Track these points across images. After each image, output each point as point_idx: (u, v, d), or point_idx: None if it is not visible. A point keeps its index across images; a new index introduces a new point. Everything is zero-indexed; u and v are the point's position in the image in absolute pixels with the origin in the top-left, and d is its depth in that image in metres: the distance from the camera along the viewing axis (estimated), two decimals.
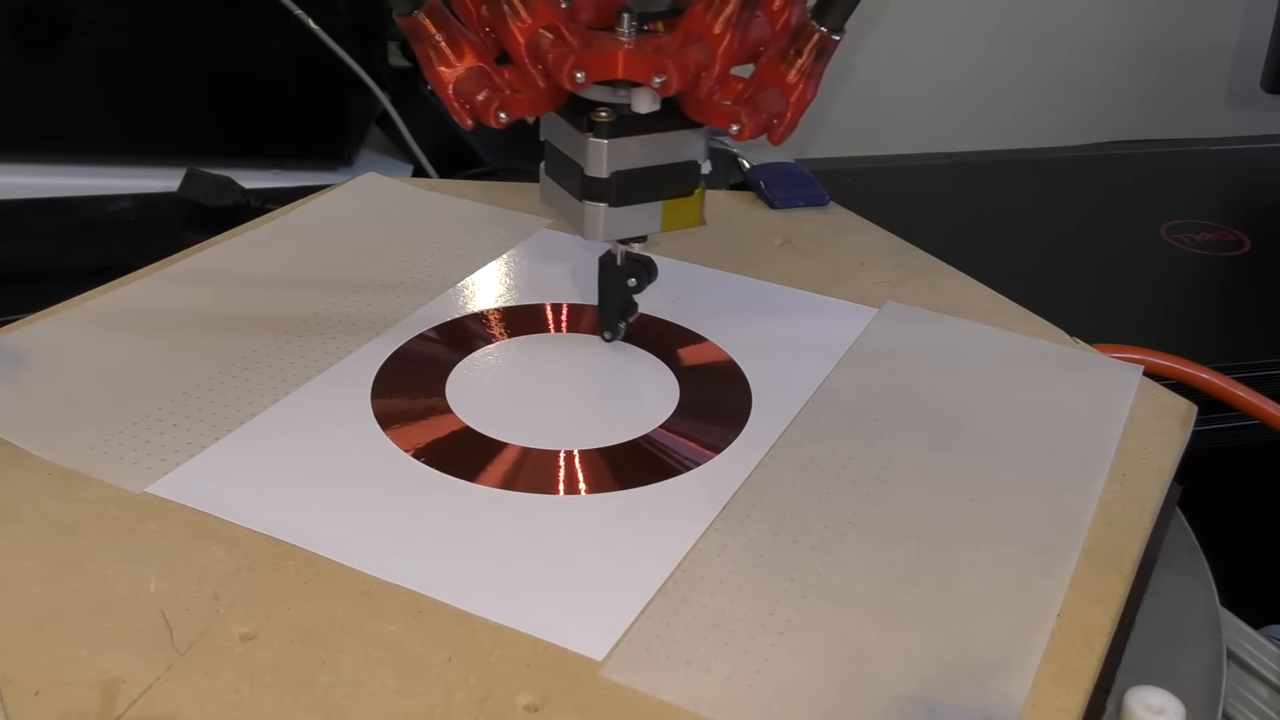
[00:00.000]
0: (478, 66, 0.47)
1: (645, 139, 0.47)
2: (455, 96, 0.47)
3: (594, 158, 0.47)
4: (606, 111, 0.47)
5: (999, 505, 0.45)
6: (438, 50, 0.47)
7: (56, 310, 0.54)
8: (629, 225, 0.49)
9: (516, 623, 0.38)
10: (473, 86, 0.46)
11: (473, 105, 0.46)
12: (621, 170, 0.47)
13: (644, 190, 0.48)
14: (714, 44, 0.45)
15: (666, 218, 0.49)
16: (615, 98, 0.47)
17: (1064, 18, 1.11)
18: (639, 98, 0.46)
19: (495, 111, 0.46)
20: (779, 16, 0.48)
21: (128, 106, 0.85)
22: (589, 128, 0.47)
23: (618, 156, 0.47)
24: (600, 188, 0.48)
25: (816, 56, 0.45)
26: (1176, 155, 1.01)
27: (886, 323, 0.57)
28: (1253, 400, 0.59)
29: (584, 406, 0.50)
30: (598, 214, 0.48)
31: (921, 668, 0.37)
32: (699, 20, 0.45)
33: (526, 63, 0.47)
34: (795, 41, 0.45)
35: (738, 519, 0.43)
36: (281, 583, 0.39)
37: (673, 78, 0.44)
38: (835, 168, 0.85)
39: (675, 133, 0.48)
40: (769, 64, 0.46)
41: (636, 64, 0.45)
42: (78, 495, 0.43)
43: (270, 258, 0.59)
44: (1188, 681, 0.42)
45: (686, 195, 0.49)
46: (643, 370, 0.53)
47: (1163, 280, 0.79)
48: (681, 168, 0.49)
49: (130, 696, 0.35)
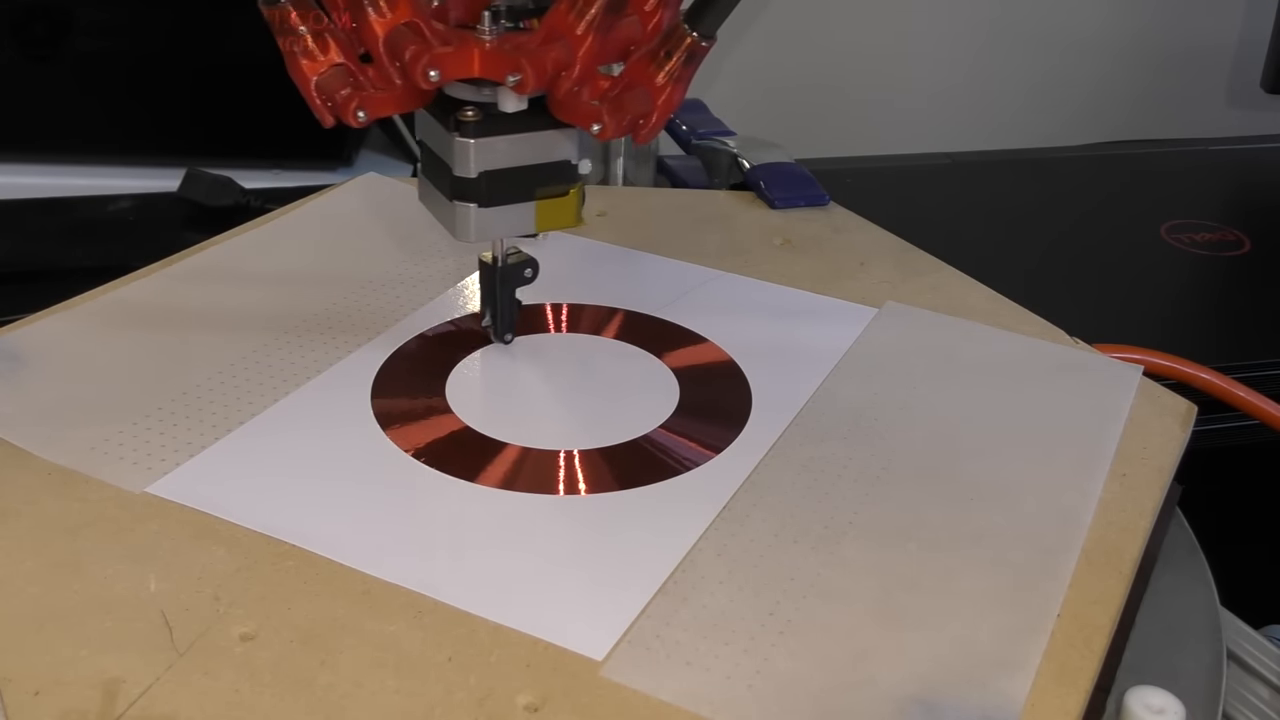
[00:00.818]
0: (341, 63, 0.46)
1: (514, 138, 0.47)
2: (317, 93, 0.46)
3: (460, 157, 0.46)
4: (473, 110, 0.46)
5: (999, 505, 0.45)
6: (301, 45, 0.46)
7: (56, 310, 0.54)
8: (500, 226, 0.48)
9: (516, 623, 0.38)
10: (335, 83, 0.46)
11: (334, 102, 0.46)
12: (490, 170, 0.47)
13: (515, 190, 0.48)
14: (575, 44, 0.45)
15: (541, 218, 0.48)
16: (481, 96, 0.46)
17: (1064, 18, 1.11)
18: (504, 96, 0.46)
19: (354, 110, 0.45)
20: (651, 17, 0.48)
21: (128, 106, 0.85)
22: (455, 127, 0.46)
23: (485, 156, 0.46)
24: (469, 188, 0.47)
25: (686, 60, 0.45)
26: (1176, 155, 1.01)
27: (886, 323, 0.57)
28: (1253, 400, 0.59)
29: (584, 406, 0.50)
30: (467, 214, 0.47)
31: (921, 668, 0.37)
32: (561, 19, 0.45)
33: (384, 59, 0.46)
34: (666, 44, 0.45)
35: (738, 519, 0.43)
36: (281, 583, 0.39)
37: (528, 76, 0.44)
38: (835, 168, 0.85)
39: (545, 132, 0.47)
40: (639, 64, 0.45)
41: (492, 62, 0.45)
42: (78, 495, 0.43)
43: (270, 258, 0.59)
44: (1188, 681, 0.42)
45: (561, 195, 0.48)
46: (643, 370, 0.53)
47: (1163, 280, 0.79)
48: (554, 168, 0.48)
49: (130, 696, 0.35)
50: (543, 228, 0.49)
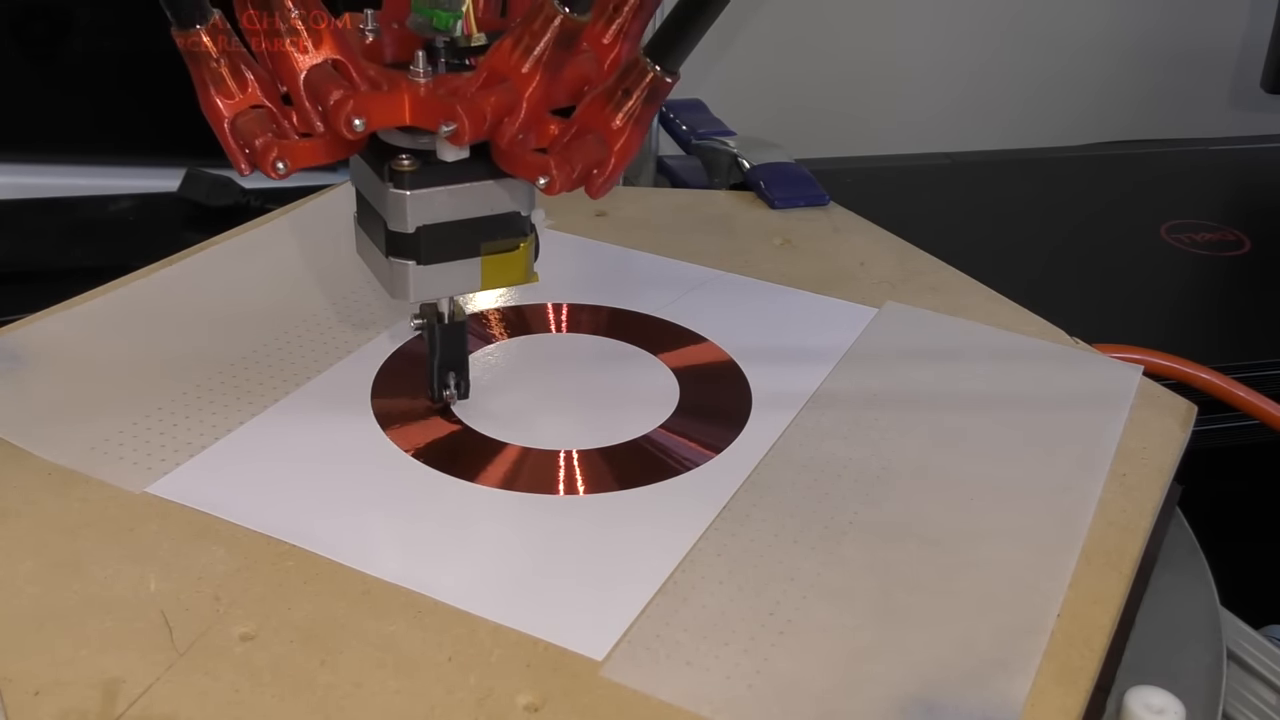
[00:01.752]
0: (261, 104, 0.41)
1: (455, 189, 0.42)
2: (231, 135, 0.41)
3: (396, 210, 0.42)
4: (409, 159, 0.41)
5: (999, 505, 0.45)
6: (215, 78, 0.40)
7: (56, 310, 0.54)
8: (442, 284, 0.44)
9: (516, 623, 0.38)
10: (253, 127, 0.40)
11: (251, 149, 0.40)
12: (429, 224, 0.42)
13: (458, 246, 0.43)
14: (520, 85, 0.39)
15: (487, 275, 0.44)
16: (418, 144, 0.42)
17: (1064, 18, 1.11)
18: (443, 145, 0.41)
19: (274, 160, 0.39)
20: (608, 51, 0.43)
21: (128, 106, 0.85)
22: (390, 177, 0.41)
23: (423, 209, 0.42)
24: (406, 243, 0.42)
25: (647, 99, 0.40)
26: (1176, 155, 1.01)
27: (886, 323, 0.57)
28: (1253, 400, 0.59)
29: (584, 406, 0.50)
30: (405, 273, 0.43)
31: (921, 668, 0.37)
32: (504, 58, 0.40)
33: (304, 102, 0.40)
34: (624, 80, 0.40)
35: (738, 519, 0.43)
36: (281, 583, 0.40)
37: (464, 125, 0.39)
38: (835, 168, 0.85)
39: (489, 181, 0.42)
40: (593, 105, 0.40)
41: (424, 110, 0.40)
42: (78, 495, 0.43)
43: (270, 258, 0.59)
44: (1188, 681, 0.42)
45: (510, 250, 0.44)
46: (643, 370, 0.53)
47: (1163, 280, 0.79)
48: (501, 220, 0.43)
49: (130, 696, 0.35)
50: (490, 285, 0.45)
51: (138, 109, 0.85)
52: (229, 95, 0.40)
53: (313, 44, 0.40)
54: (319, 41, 0.40)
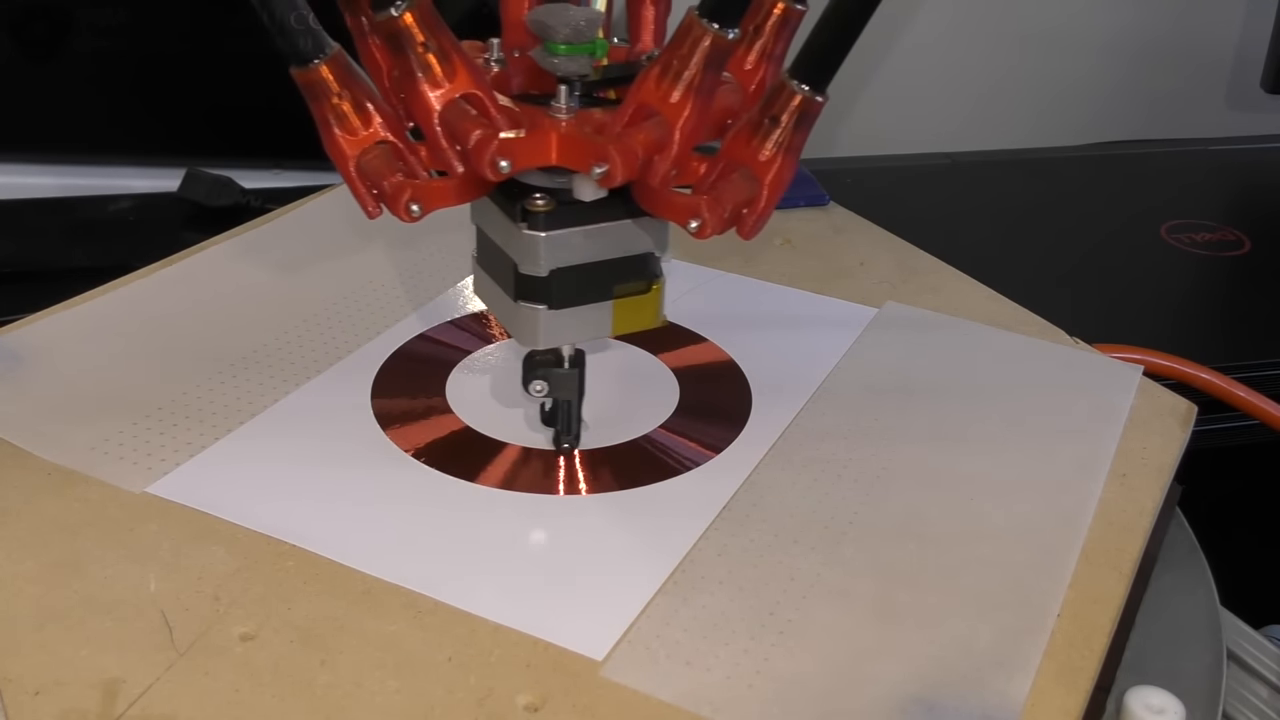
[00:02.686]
0: (388, 141, 0.38)
1: (590, 230, 0.40)
2: (359, 176, 0.38)
3: (529, 252, 0.40)
4: (544, 199, 0.39)
5: (999, 505, 0.45)
6: (339, 114, 0.38)
7: (56, 310, 0.54)
8: (572, 330, 0.42)
9: (516, 623, 0.38)
10: (381, 166, 0.38)
11: (379, 190, 0.38)
12: (561, 267, 0.40)
13: (590, 289, 0.41)
14: (671, 116, 0.37)
15: (618, 319, 0.42)
16: (553, 183, 0.39)
17: (1064, 19, 1.11)
18: (582, 184, 0.39)
19: (407, 204, 0.37)
20: (752, 76, 0.40)
21: (128, 106, 0.85)
22: (523, 217, 0.39)
23: (557, 251, 0.40)
24: (537, 287, 0.40)
25: (798, 124, 0.37)
26: (1176, 155, 1.01)
27: (886, 323, 0.57)
28: (1253, 400, 0.59)
29: (584, 406, 0.50)
30: (535, 318, 0.41)
31: (921, 668, 0.37)
32: (652, 89, 0.37)
33: (442, 141, 0.38)
34: (771, 107, 0.37)
35: (738, 519, 0.43)
36: (281, 583, 0.39)
37: (616, 167, 0.36)
38: (835, 168, 0.85)
39: (626, 222, 0.40)
40: (739, 137, 0.38)
41: (572, 149, 0.37)
42: (78, 495, 0.43)
43: (270, 258, 0.59)
44: (1188, 681, 0.42)
45: (643, 293, 0.42)
46: (643, 370, 0.53)
47: (1163, 280, 0.79)
48: (635, 261, 0.41)
49: (130, 696, 0.35)
50: (621, 330, 0.42)
51: (138, 109, 0.85)
52: (353, 132, 0.38)
53: (446, 78, 0.38)
54: (452, 75, 0.38)
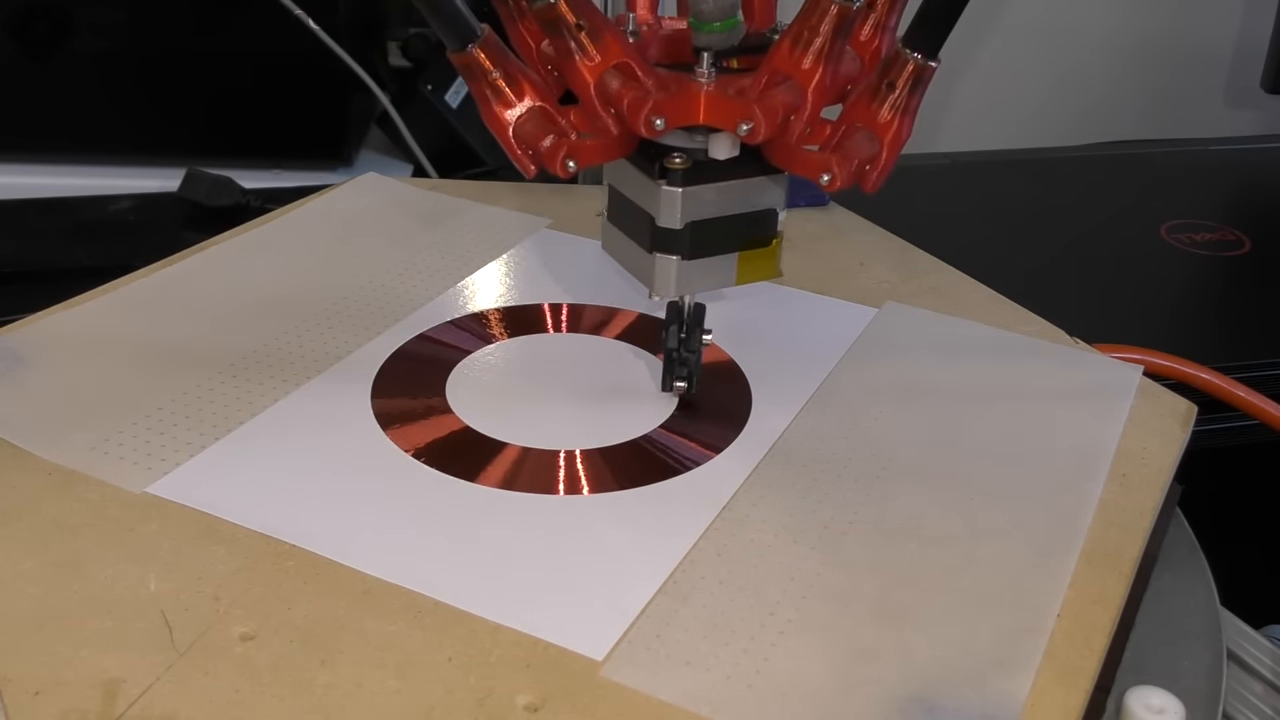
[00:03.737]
0: (540, 107, 0.43)
1: (721, 186, 0.44)
2: (516, 141, 0.43)
3: (667, 207, 0.44)
4: (681, 157, 0.43)
5: (999, 505, 0.45)
6: (495, 89, 0.42)
7: (56, 310, 0.54)
8: (702, 279, 0.46)
9: (516, 623, 0.38)
10: (536, 130, 0.42)
11: (536, 151, 0.42)
12: (696, 220, 0.44)
13: (719, 241, 0.45)
14: (803, 81, 0.41)
15: (742, 270, 0.46)
16: (691, 143, 0.43)
17: (1064, 18, 1.12)
18: (717, 143, 0.43)
19: (563, 160, 0.42)
20: (868, 46, 0.45)
21: (128, 106, 0.85)
22: (662, 174, 0.43)
23: (692, 206, 0.44)
24: (672, 239, 0.44)
25: (912, 88, 0.41)
26: (1176, 155, 1.01)
27: (886, 323, 0.57)
28: (1253, 400, 0.59)
29: (584, 406, 0.50)
30: (669, 268, 0.45)
31: (921, 668, 0.37)
32: (785, 57, 0.41)
33: (597, 106, 0.43)
34: (887, 74, 0.41)
35: (738, 519, 0.43)
36: (281, 583, 0.39)
37: (760, 124, 0.40)
38: None
39: (754, 179, 0.44)
40: (859, 102, 0.42)
41: (719, 109, 0.41)
42: (78, 495, 0.43)
43: (270, 258, 0.59)
44: (1188, 681, 0.42)
45: (764, 245, 0.46)
46: (643, 370, 0.53)
47: (1163, 280, 0.79)
48: (759, 216, 0.45)
49: (130, 696, 0.35)
50: (744, 280, 0.46)
51: (138, 109, 0.85)
52: (508, 104, 0.43)
53: (599, 53, 0.42)
54: (605, 50, 0.42)
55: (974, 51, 1.11)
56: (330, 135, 0.88)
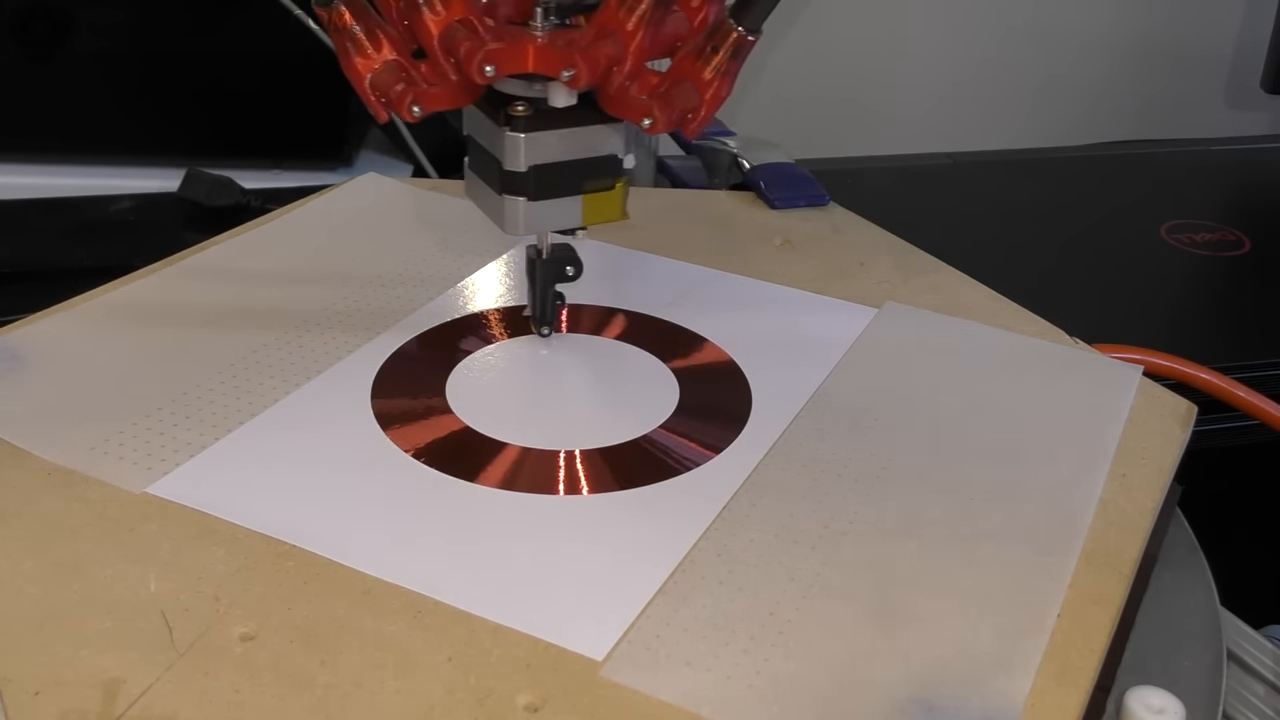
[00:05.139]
0: (394, 60, 0.47)
1: (563, 133, 0.47)
2: (371, 89, 0.47)
3: (511, 151, 0.47)
4: (524, 105, 0.47)
5: (999, 505, 0.45)
6: (355, 42, 0.46)
7: (56, 310, 0.54)
8: (548, 219, 0.49)
9: (516, 623, 0.38)
10: (389, 79, 0.47)
11: (388, 98, 0.47)
12: (539, 164, 0.47)
13: (563, 184, 0.48)
14: (626, 40, 0.46)
15: (587, 211, 0.49)
16: (531, 92, 0.47)
17: (1064, 18, 1.12)
18: (554, 91, 0.47)
19: (409, 105, 0.46)
20: (697, 13, 0.48)
21: (128, 106, 0.85)
22: (506, 121, 0.47)
23: (535, 150, 0.47)
24: (518, 182, 0.48)
25: (732, 55, 0.45)
26: (1176, 155, 1.01)
27: (886, 323, 0.57)
28: (1253, 400, 0.59)
29: (584, 406, 0.50)
30: (517, 208, 0.48)
31: (921, 668, 0.37)
32: (612, 15, 0.46)
33: (439, 56, 0.47)
34: (712, 39, 0.45)
35: (738, 519, 0.43)
36: (281, 583, 0.39)
37: (582, 72, 0.45)
38: (835, 168, 0.85)
39: (594, 127, 0.48)
40: (685, 60, 0.46)
41: (546, 58, 0.45)
42: (78, 495, 0.43)
43: (270, 258, 0.59)
44: (1188, 681, 0.42)
45: (608, 189, 0.49)
46: (643, 370, 0.53)
47: (1163, 280, 0.79)
48: (602, 162, 0.49)
49: (130, 696, 0.35)
50: (590, 221, 0.50)
51: (138, 109, 0.85)
52: (366, 56, 0.47)
53: (444, 8, 0.46)
54: (449, 5, 0.46)
55: (974, 51, 1.11)
56: (330, 135, 0.88)
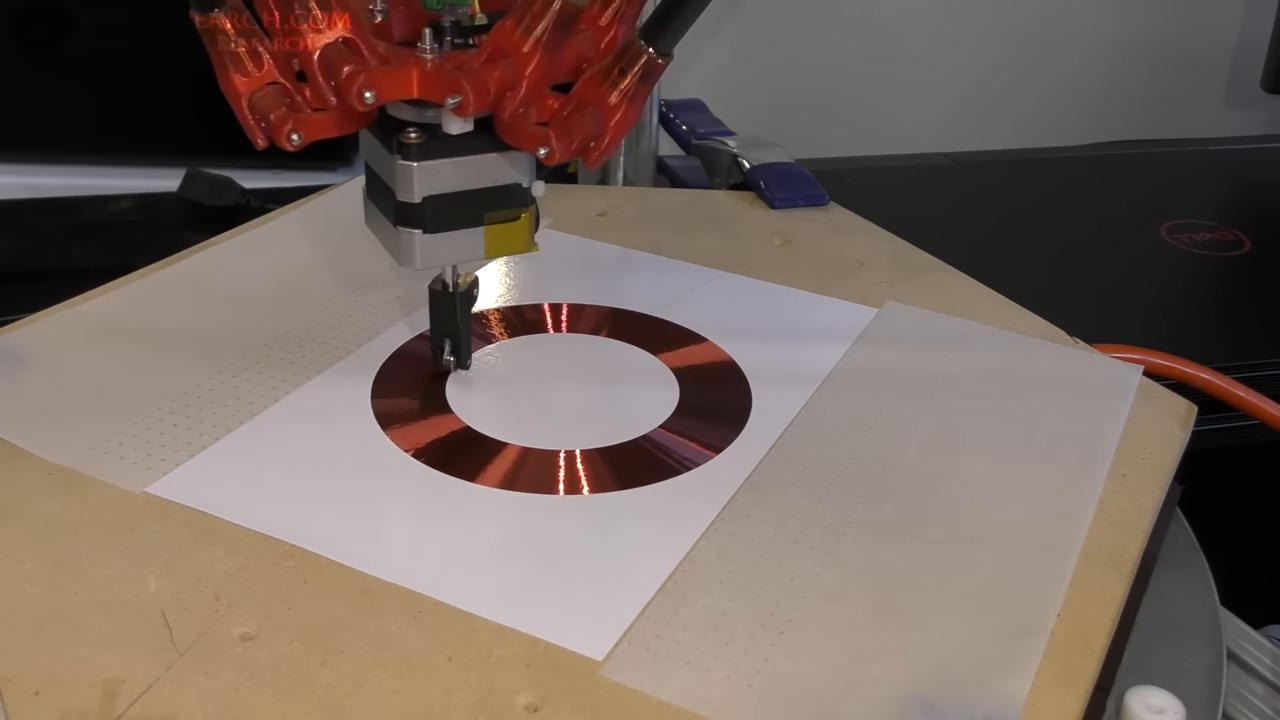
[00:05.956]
0: (277, 82, 0.43)
1: (459, 161, 0.44)
2: (250, 111, 0.43)
3: (403, 181, 0.44)
4: (416, 132, 0.43)
5: (999, 505, 0.45)
6: (233, 57, 0.43)
7: (56, 310, 0.54)
8: (447, 252, 0.46)
9: (516, 623, 0.38)
10: (269, 102, 0.42)
11: (267, 123, 0.42)
12: (434, 194, 0.44)
13: (462, 215, 0.45)
14: (521, 63, 0.42)
15: (490, 244, 0.46)
16: (425, 118, 0.44)
17: (1064, 18, 1.11)
18: (448, 118, 0.43)
19: (289, 132, 0.42)
20: (605, 32, 0.45)
21: (128, 106, 0.85)
22: (398, 149, 0.43)
23: (429, 180, 0.44)
24: (413, 213, 0.44)
25: (641, 78, 0.42)
26: (1176, 155, 1.01)
27: (886, 323, 0.57)
28: (1253, 400, 0.59)
29: (584, 406, 0.50)
30: (412, 241, 0.45)
31: (921, 668, 0.37)
32: (507, 36, 0.42)
33: (318, 78, 0.43)
34: (620, 60, 0.42)
35: (738, 519, 0.43)
36: (281, 583, 0.40)
37: (468, 98, 0.41)
38: (835, 168, 0.85)
39: (493, 154, 0.44)
40: (591, 82, 0.43)
41: (431, 83, 0.42)
42: (78, 495, 0.43)
43: (270, 258, 0.59)
44: (1188, 681, 0.42)
45: (512, 220, 0.46)
46: (643, 370, 0.53)
47: (1163, 280, 0.79)
48: (503, 191, 0.45)
49: (130, 696, 0.35)
50: (492, 254, 0.47)
51: (138, 109, 0.85)
52: (246, 74, 0.43)
53: (326, 25, 0.42)
54: (331, 23, 0.42)
55: (974, 51, 1.11)
56: None
